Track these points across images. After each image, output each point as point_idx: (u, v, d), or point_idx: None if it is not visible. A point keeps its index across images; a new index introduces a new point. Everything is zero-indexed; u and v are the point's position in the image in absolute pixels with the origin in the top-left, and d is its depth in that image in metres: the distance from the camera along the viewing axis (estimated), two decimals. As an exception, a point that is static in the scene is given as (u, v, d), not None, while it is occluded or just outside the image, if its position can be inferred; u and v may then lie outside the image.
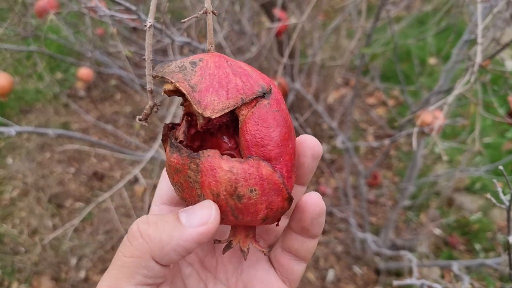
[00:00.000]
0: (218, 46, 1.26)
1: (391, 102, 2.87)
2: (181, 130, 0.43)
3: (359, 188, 1.81)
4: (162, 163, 1.33)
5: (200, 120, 0.40)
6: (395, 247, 1.86)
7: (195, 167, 0.38)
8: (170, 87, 0.40)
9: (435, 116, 1.27)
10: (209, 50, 0.43)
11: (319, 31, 2.06)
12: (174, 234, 0.37)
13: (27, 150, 2.55)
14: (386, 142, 1.56)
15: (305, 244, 0.45)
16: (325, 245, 1.98)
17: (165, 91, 0.41)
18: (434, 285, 0.76)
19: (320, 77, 2.35)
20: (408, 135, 1.87)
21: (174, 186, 0.41)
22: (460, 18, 1.95)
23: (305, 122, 2.05)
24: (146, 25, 0.41)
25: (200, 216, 0.37)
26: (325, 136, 2.58)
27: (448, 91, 1.31)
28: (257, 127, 0.39)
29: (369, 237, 1.64)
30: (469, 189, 2.20)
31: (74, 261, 1.94)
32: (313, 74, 2.18)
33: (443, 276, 1.82)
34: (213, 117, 0.37)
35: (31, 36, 1.57)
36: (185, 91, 0.38)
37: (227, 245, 0.42)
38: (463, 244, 1.97)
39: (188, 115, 0.44)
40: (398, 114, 2.62)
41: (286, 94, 1.69)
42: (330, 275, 1.85)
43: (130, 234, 0.38)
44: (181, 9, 2.60)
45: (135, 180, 2.30)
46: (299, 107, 2.27)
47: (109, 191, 1.18)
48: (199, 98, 0.38)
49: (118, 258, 0.37)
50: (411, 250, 1.86)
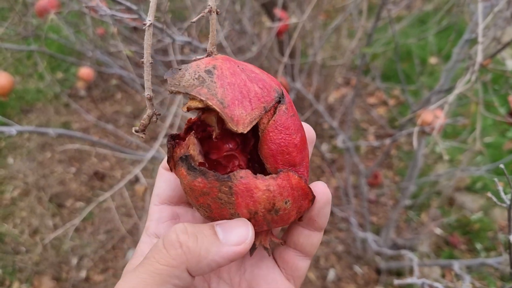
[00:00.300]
0: (219, 46, 1.26)
1: (391, 102, 2.87)
2: (194, 149, 0.39)
3: (360, 187, 1.81)
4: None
5: (217, 131, 0.40)
6: (396, 246, 1.86)
7: (227, 189, 0.37)
8: (198, 105, 0.37)
9: (435, 116, 1.27)
10: (211, 52, 0.42)
11: (320, 31, 2.06)
12: (212, 249, 0.37)
13: (28, 150, 2.55)
14: (387, 141, 1.56)
15: (310, 238, 0.45)
16: (326, 244, 1.98)
17: (190, 108, 0.38)
18: (435, 284, 0.76)
19: (320, 76, 2.35)
20: (408, 135, 1.87)
21: (198, 207, 0.40)
22: (461, 17, 1.94)
23: (306, 121, 2.04)
24: (145, 23, 0.39)
25: (238, 235, 0.38)
26: (325, 135, 2.58)
27: (448, 91, 1.31)
28: (281, 135, 0.39)
29: (370, 236, 1.64)
30: (470, 188, 2.20)
31: (75, 260, 1.94)
32: (313, 73, 2.18)
33: (444, 276, 1.82)
34: (245, 132, 0.37)
35: (32, 35, 1.57)
36: (218, 109, 0.36)
37: (252, 247, 0.42)
38: (464, 244, 1.97)
39: (196, 124, 0.43)
40: (399, 114, 2.62)
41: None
42: (331, 274, 1.85)
43: (168, 242, 0.37)
44: (181, 8, 2.61)
45: (136, 180, 2.30)
46: (300, 107, 2.28)
47: (110, 190, 1.18)
48: (231, 114, 0.37)
49: (151, 264, 0.37)
50: (412, 249, 1.86)
